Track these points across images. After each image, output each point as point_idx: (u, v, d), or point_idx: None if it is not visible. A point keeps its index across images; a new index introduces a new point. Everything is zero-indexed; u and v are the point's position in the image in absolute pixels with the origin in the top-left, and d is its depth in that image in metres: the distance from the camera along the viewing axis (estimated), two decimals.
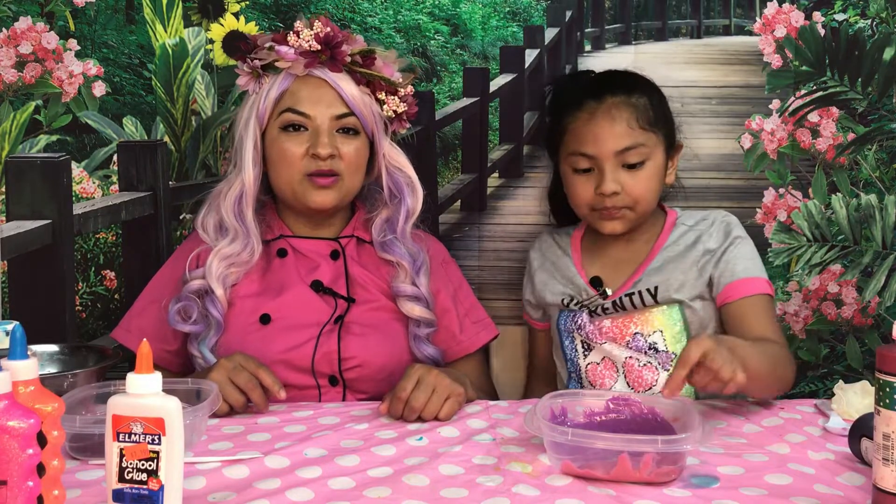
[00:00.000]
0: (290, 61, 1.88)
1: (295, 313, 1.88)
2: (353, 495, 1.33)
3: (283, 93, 1.88)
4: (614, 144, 1.80)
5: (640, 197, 1.83)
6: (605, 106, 1.82)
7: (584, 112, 1.84)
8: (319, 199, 1.88)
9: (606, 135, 1.81)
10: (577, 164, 1.84)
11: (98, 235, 2.46)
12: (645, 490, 1.35)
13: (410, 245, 1.94)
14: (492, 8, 2.48)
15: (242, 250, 1.89)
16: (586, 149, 1.82)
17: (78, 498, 1.30)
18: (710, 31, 2.55)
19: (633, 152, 1.80)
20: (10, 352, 1.16)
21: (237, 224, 1.89)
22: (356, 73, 1.90)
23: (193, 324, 1.87)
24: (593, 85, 1.89)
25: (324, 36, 1.87)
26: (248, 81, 1.91)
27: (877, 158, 2.45)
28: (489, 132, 2.51)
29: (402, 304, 1.91)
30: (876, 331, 2.46)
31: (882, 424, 1.25)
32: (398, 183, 1.94)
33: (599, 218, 1.86)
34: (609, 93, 1.84)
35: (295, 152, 1.86)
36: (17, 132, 2.42)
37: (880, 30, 2.41)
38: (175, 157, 2.45)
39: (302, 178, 1.87)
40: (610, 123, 1.81)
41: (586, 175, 1.84)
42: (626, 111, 1.82)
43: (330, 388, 1.86)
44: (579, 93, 1.87)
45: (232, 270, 1.89)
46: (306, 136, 1.87)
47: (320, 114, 1.87)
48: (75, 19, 2.42)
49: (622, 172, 1.81)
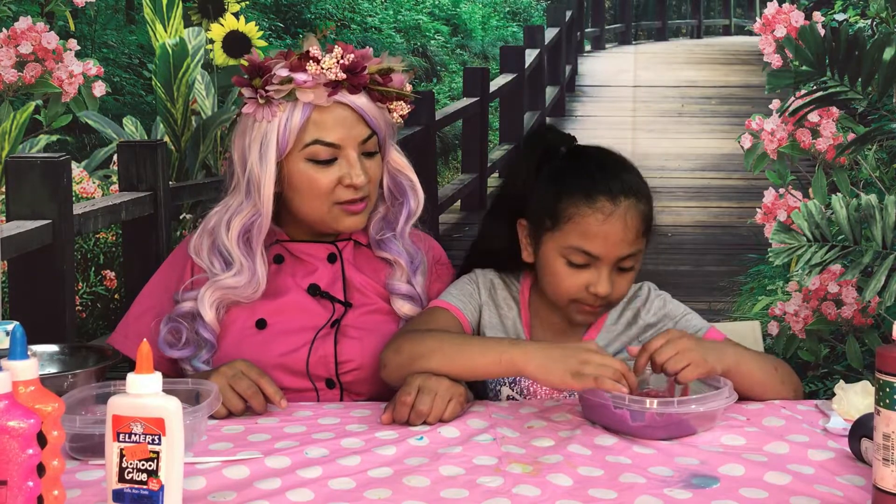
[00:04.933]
0: (310, 91, 1.79)
1: (291, 318, 1.86)
2: (353, 496, 1.33)
3: (306, 122, 1.80)
4: (621, 251, 1.74)
5: (619, 297, 1.80)
6: (621, 210, 1.74)
7: (599, 212, 1.74)
8: (352, 223, 1.85)
9: (618, 240, 1.74)
10: (575, 259, 1.75)
11: (98, 235, 2.46)
12: (646, 490, 1.35)
13: (409, 245, 1.94)
14: (492, 8, 2.48)
15: (247, 286, 1.83)
16: (593, 249, 1.74)
17: (78, 498, 1.30)
18: (710, 31, 2.55)
19: (631, 259, 1.77)
20: (11, 352, 1.16)
21: (243, 257, 1.83)
22: (374, 92, 1.85)
23: (183, 347, 1.84)
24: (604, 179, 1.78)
25: (349, 64, 1.80)
26: (257, 109, 1.81)
27: (877, 158, 2.45)
28: (489, 132, 2.51)
29: (395, 301, 1.90)
30: (876, 331, 2.46)
31: (882, 425, 1.25)
32: (400, 185, 1.93)
33: (577, 311, 1.80)
34: (623, 195, 1.75)
35: (326, 184, 1.81)
36: (17, 132, 2.42)
37: (880, 30, 2.41)
38: (175, 157, 2.45)
39: (332, 206, 1.83)
40: (623, 230, 1.74)
41: (578, 270, 1.76)
42: (636, 219, 1.75)
43: (327, 391, 1.86)
44: (588, 183, 1.77)
45: (230, 299, 1.84)
46: (336, 166, 1.82)
47: (348, 142, 1.81)
48: (75, 19, 2.42)
49: (614, 274, 1.76)
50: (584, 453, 1.49)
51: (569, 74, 2.52)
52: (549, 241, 1.77)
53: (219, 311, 1.84)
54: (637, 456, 1.48)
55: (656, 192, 1.89)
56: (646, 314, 1.86)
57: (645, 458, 1.48)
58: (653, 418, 1.54)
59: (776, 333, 2.49)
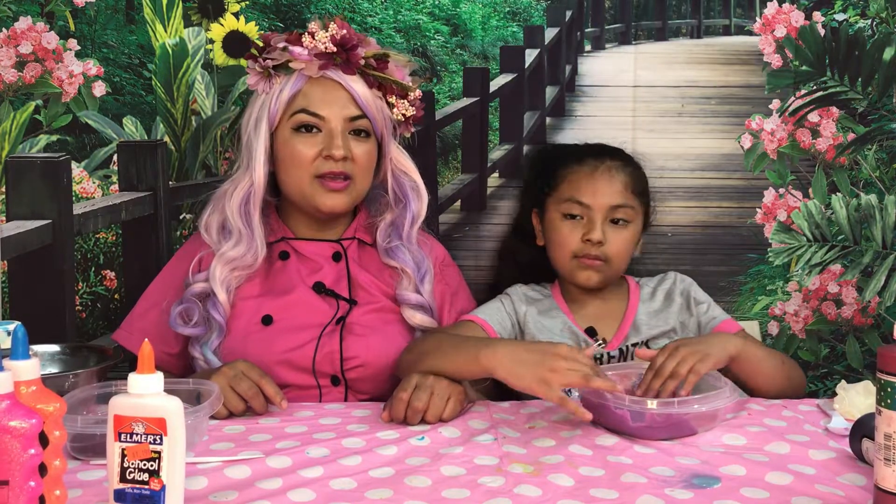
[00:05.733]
0: (303, 62, 1.86)
1: (296, 314, 1.88)
2: (354, 496, 1.33)
3: (296, 94, 1.87)
4: (610, 199, 1.91)
5: (617, 254, 1.92)
6: (606, 166, 1.94)
7: (585, 167, 1.95)
8: (331, 202, 1.87)
9: (605, 189, 1.92)
10: (570, 210, 1.93)
11: (98, 235, 2.46)
12: (646, 490, 1.35)
13: (416, 251, 1.94)
14: (492, 8, 2.48)
15: (246, 253, 1.87)
16: (583, 198, 1.91)
17: (79, 498, 1.30)
18: (710, 31, 2.55)
19: (622, 210, 1.92)
20: (12, 352, 1.16)
21: (242, 226, 1.88)
22: (369, 76, 1.89)
23: (195, 326, 1.87)
24: (593, 149, 2.01)
25: (339, 38, 1.86)
26: (258, 81, 1.89)
27: (877, 158, 2.45)
28: (489, 132, 2.51)
29: (405, 311, 1.92)
30: (876, 331, 2.46)
31: (883, 424, 1.25)
32: (403, 187, 1.95)
33: (578, 266, 1.93)
34: (609, 157, 1.96)
35: (307, 153, 1.86)
36: (17, 132, 2.42)
37: (880, 30, 2.41)
38: (175, 157, 2.45)
39: (312, 179, 1.86)
40: (609, 180, 1.92)
41: (574, 222, 1.93)
42: (623, 174, 1.94)
43: (332, 388, 1.86)
44: (579, 152, 1.99)
45: (236, 274, 1.88)
46: (319, 138, 1.86)
47: (334, 115, 1.86)
48: (75, 19, 2.42)
49: (608, 226, 1.91)
50: (585, 453, 1.49)
51: (569, 74, 2.52)
52: (551, 206, 1.96)
53: (229, 290, 1.87)
54: (638, 456, 1.48)
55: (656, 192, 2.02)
56: (677, 294, 1.98)
57: (646, 458, 1.48)
58: (653, 419, 1.54)
59: (776, 333, 2.49)
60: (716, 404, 1.57)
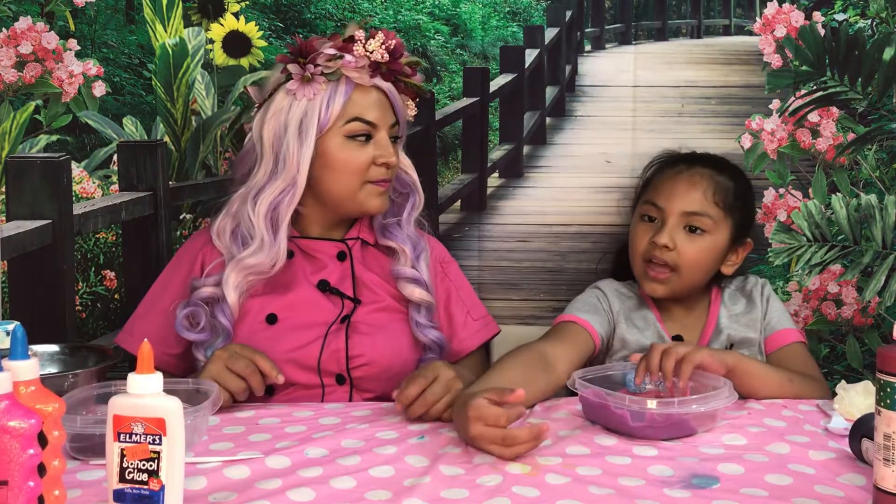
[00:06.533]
0: (356, 71, 1.87)
1: (301, 313, 1.88)
2: (354, 496, 1.33)
3: (346, 101, 1.87)
4: (685, 205, 1.88)
5: (690, 263, 1.88)
6: (691, 171, 1.92)
7: (672, 170, 1.94)
8: (378, 203, 1.91)
9: (682, 193, 1.89)
10: (647, 212, 1.92)
11: (98, 235, 2.46)
12: (645, 490, 1.35)
13: (412, 232, 1.97)
14: (492, 8, 2.48)
15: (265, 260, 1.86)
16: (658, 200, 1.90)
17: (79, 498, 1.30)
18: (710, 31, 2.55)
19: (697, 218, 1.87)
20: (11, 352, 1.16)
21: (266, 233, 1.86)
22: (400, 83, 1.93)
23: (200, 332, 1.86)
24: (691, 155, 2.00)
25: (392, 49, 1.88)
26: (300, 87, 1.86)
27: (877, 158, 2.45)
28: (489, 132, 2.51)
29: (403, 286, 1.93)
30: (876, 331, 2.46)
31: (883, 425, 1.25)
32: (403, 180, 1.99)
33: (645, 273, 1.90)
34: (701, 164, 1.94)
35: (363, 161, 1.88)
36: (17, 132, 2.42)
37: (880, 30, 2.41)
38: (175, 157, 2.45)
39: (364, 184, 1.89)
40: (688, 186, 1.90)
41: (649, 224, 1.91)
42: (707, 182, 1.90)
43: (337, 387, 1.87)
44: (676, 158, 1.99)
45: (249, 279, 1.87)
46: (371, 146, 1.89)
47: (382, 123, 1.89)
48: (75, 19, 2.42)
49: (681, 233, 1.88)
50: (583, 453, 1.49)
51: (569, 74, 2.52)
52: (637, 208, 1.95)
53: (241, 295, 1.87)
54: (637, 456, 1.48)
55: None
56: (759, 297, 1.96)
57: (645, 458, 1.48)
58: (653, 418, 1.54)
59: None
60: (715, 404, 1.57)
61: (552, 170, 2.52)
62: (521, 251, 2.49)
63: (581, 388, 1.61)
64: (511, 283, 2.48)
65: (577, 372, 1.67)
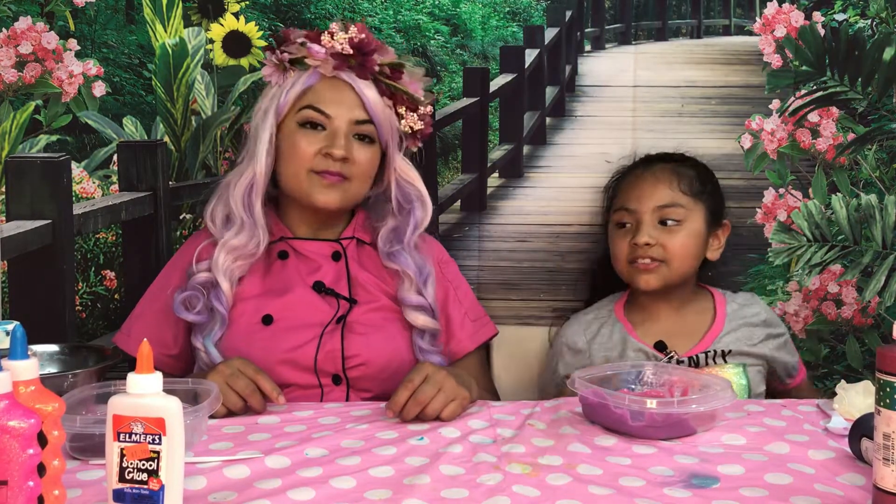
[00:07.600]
0: (319, 60, 1.88)
1: (297, 314, 1.88)
2: (353, 495, 1.33)
3: (307, 89, 1.89)
4: (655, 201, 1.95)
5: (675, 253, 1.94)
6: (652, 170, 2.00)
7: (633, 175, 2.02)
8: (324, 197, 1.88)
9: (648, 192, 1.97)
10: (619, 219, 1.99)
11: (98, 235, 2.46)
12: (645, 490, 1.35)
13: (416, 256, 1.95)
14: (492, 8, 2.48)
15: (248, 241, 1.88)
16: (629, 204, 1.97)
17: (78, 498, 1.30)
18: (710, 31, 2.55)
19: (670, 210, 1.94)
20: (11, 352, 1.16)
21: (245, 215, 1.89)
22: (382, 84, 1.91)
23: (198, 314, 1.87)
24: (648, 157, 2.08)
25: (357, 42, 1.88)
26: (272, 73, 1.91)
27: (877, 158, 2.45)
28: (489, 132, 2.50)
29: (407, 313, 1.93)
30: (876, 331, 2.46)
31: (882, 424, 1.25)
32: (408, 195, 1.96)
33: (635, 272, 1.96)
34: (659, 161, 2.03)
35: (308, 149, 1.87)
36: (17, 132, 2.42)
37: (880, 30, 2.41)
38: (175, 157, 2.45)
39: (308, 173, 1.87)
40: (653, 182, 1.98)
41: (626, 230, 1.98)
42: (669, 175, 1.98)
43: (334, 387, 1.87)
44: (635, 162, 2.07)
45: (238, 264, 1.89)
46: (322, 136, 1.88)
47: (340, 116, 1.88)
48: (75, 19, 2.42)
49: (658, 228, 1.94)
50: (583, 453, 1.49)
51: (569, 74, 2.52)
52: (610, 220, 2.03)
53: (232, 280, 1.88)
54: (637, 456, 1.48)
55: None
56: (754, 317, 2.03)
57: (645, 457, 1.48)
58: (653, 418, 1.54)
59: None
60: (715, 404, 1.57)
61: (552, 170, 2.52)
62: (521, 251, 2.49)
63: (581, 388, 1.61)
64: (511, 284, 2.48)
65: (577, 372, 1.67)
